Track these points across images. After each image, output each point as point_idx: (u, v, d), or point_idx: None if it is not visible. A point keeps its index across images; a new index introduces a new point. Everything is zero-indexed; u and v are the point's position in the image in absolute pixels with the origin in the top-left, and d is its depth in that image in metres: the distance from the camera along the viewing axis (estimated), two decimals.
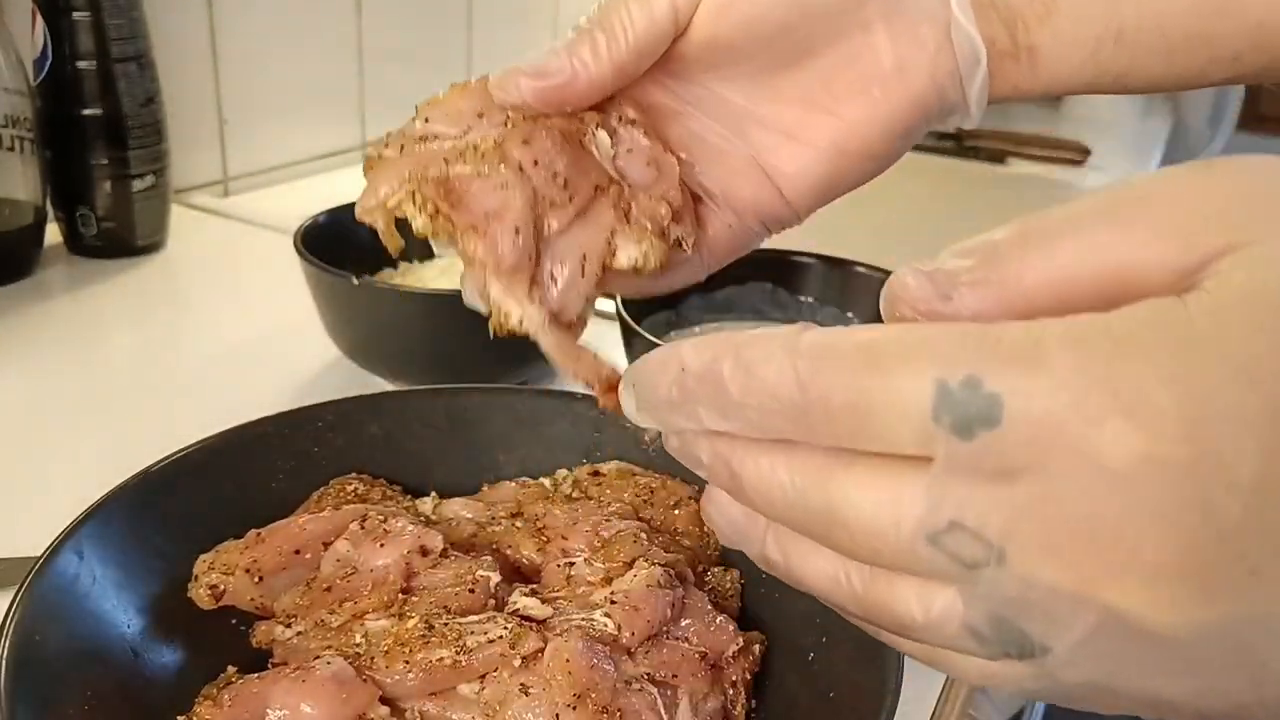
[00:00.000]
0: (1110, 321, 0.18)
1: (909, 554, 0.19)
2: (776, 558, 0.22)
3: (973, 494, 0.18)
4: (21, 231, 0.72)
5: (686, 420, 0.21)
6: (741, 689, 0.34)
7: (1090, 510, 0.17)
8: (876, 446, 0.19)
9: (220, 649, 0.35)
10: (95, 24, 0.70)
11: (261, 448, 0.41)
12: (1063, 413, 0.17)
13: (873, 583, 0.20)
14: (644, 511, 0.41)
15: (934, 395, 0.18)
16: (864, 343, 0.19)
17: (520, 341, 0.58)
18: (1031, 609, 0.18)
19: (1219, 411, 0.17)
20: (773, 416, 0.20)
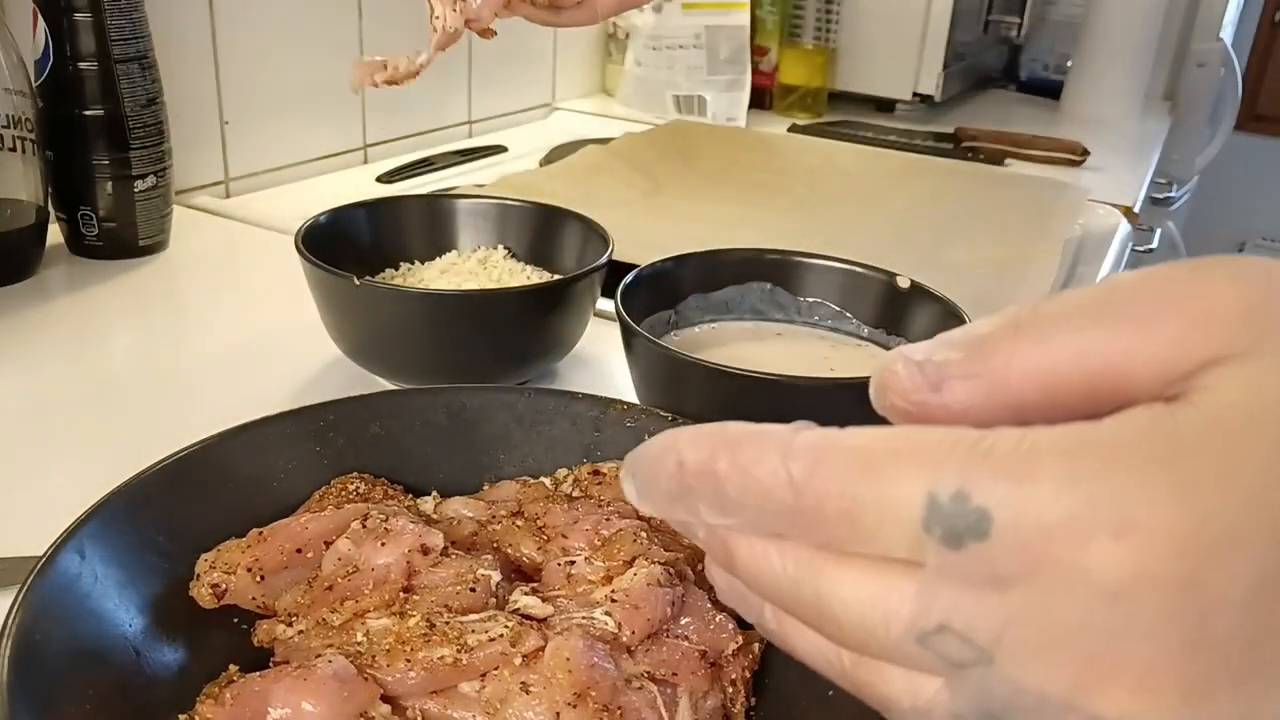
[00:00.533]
0: (1100, 434, 0.18)
1: (898, 651, 0.19)
2: (773, 628, 0.23)
3: (962, 600, 0.18)
4: (23, 232, 0.72)
5: (685, 514, 0.22)
6: (741, 687, 0.34)
7: (1079, 622, 0.17)
8: (868, 550, 0.19)
9: (222, 648, 0.35)
10: (96, 25, 0.70)
11: (263, 447, 0.41)
12: (1052, 528, 0.17)
13: (862, 667, 0.21)
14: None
15: (924, 507, 0.18)
16: (857, 448, 0.19)
17: (520, 341, 0.59)
18: (1020, 711, 0.19)
19: (1210, 530, 0.17)
20: (768, 517, 0.20)
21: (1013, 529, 0.18)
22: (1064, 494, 0.17)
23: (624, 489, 0.24)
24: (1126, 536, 0.17)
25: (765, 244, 0.64)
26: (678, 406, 0.45)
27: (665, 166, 1.10)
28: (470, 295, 0.56)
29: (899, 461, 0.19)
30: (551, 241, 0.66)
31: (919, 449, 0.19)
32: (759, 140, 1.25)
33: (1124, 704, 0.17)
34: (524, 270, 0.65)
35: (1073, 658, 0.18)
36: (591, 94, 1.52)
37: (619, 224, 0.65)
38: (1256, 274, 0.19)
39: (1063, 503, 0.17)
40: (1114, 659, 0.17)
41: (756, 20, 1.43)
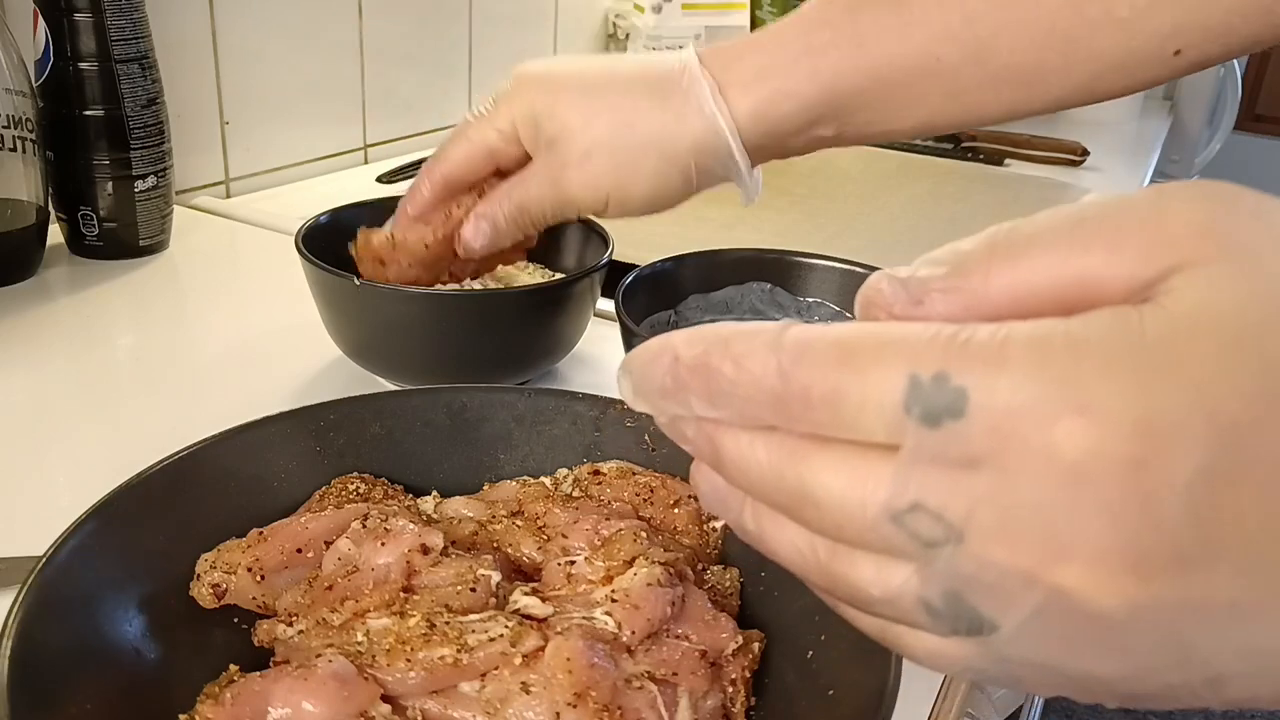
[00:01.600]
0: (1070, 326, 0.19)
1: (872, 531, 0.20)
2: (751, 527, 0.24)
3: (936, 479, 0.19)
4: (24, 232, 0.72)
5: (678, 407, 0.23)
6: (741, 687, 0.34)
7: (1043, 498, 0.19)
8: (850, 434, 0.20)
9: (222, 648, 0.35)
10: (97, 25, 0.70)
11: (263, 447, 0.41)
12: (1022, 407, 0.18)
13: (836, 556, 0.22)
14: (644, 510, 0.41)
15: (905, 388, 0.19)
16: (842, 338, 0.21)
17: (520, 342, 0.59)
18: (984, 587, 0.20)
19: (1164, 415, 0.18)
20: (756, 405, 0.21)
21: (986, 408, 0.19)
22: (1034, 377, 0.19)
23: (619, 387, 0.24)
24: (1087, 416, 0.18)
25: (765, 244, 0.64)
26: None
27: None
28: (470, 295, 0.56)
29: (883, 349, 0.20)
30: (551, 241, 0.66)
31: (902, 338, 0.20)
32: None
33: (1080, 577, 0.19)
34: (525, 270, 0.65)
35: (1034, 533, 0.19)
36: None
37: (619, 224, 0.65)
38: (1216, 192, 0.20)
39: (1032, 385, 0.18)
40: (1071, 534, 0.18)
41: (756, 21, 1.43)
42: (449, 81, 1.21)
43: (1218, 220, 0.19)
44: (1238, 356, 0.18)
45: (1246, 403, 0.18)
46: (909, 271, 0.22)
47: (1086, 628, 0.19)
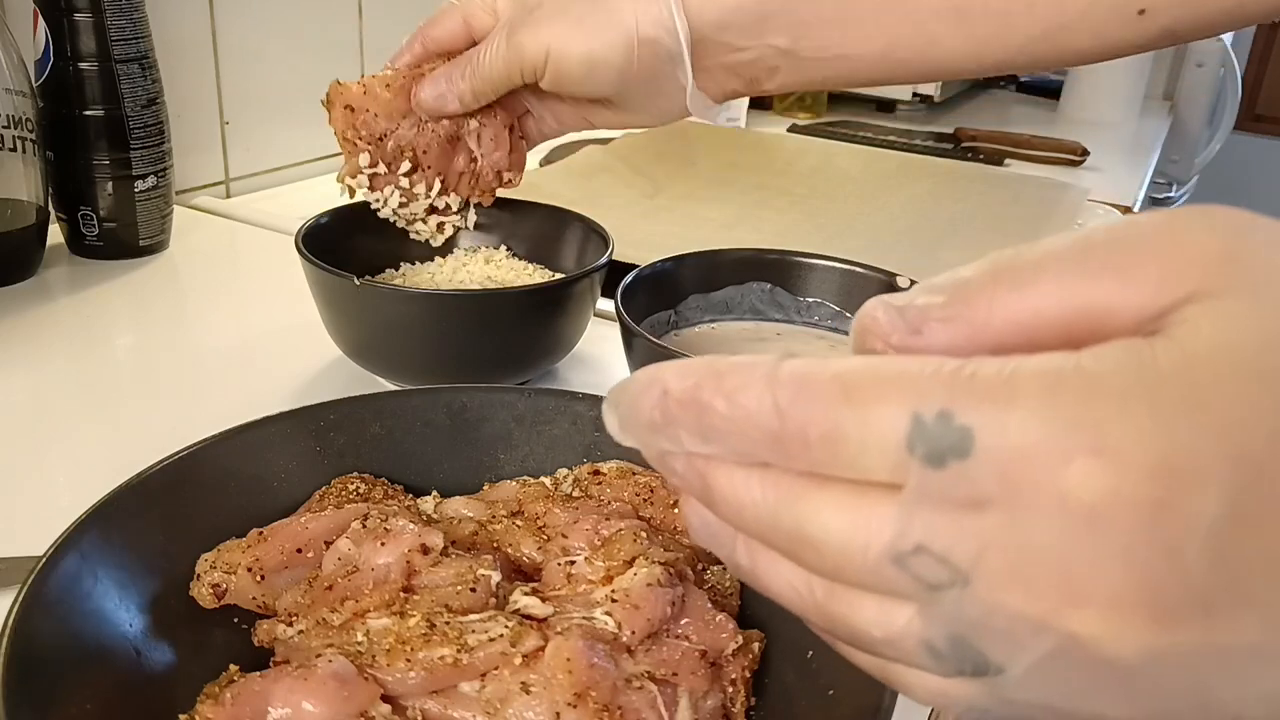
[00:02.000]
0: (1081, 361, 0.18)
1: (874, 573, 0.20)
2: (745, 564, 0.23)
3: (941, 520, 0.19)
4: (24, 232, 0.72)
5: (668, 443, 0.22)
6: (741, 687, 0.34)
7: (1056, 542, 0.18)
8: (850, 474, 0.20)
9: (222, 648, 0.35)
10: (97, 25, 0.70)
11: (263, 447, 0.41)
12: (1032, 448, 0.18)
13: (834, 597, 0.21)
14: (644, 510, 0.41)
15: (908, 427, 0.19)
16: (841, 374, 0.20)
17: (520, 341, 0.59)
18: (992, 632, 0.19)
19: (1184, 456, 0.17)
20: (751, 443, 0.21)
21: (994, 448, 0.18)
22: (1045, 416, 0.18)
23: (606, 421, 0.24)
24: (1103, 458, 0.17)
25: (765, 244, 0.64)
26: None
27: (665, 167, 1.10)
28: (470, 295, 0.56)
29: (884, 385, 0.19)
30: (552, 241, 0.66)
31: (904, 374, 0.19)
32: (759, 141, 1.25)
33: (1095, 625, 0.18)
34: (525, 270, 0.65)
35: (1047, 578, 0.18)
36: None
37: (619, 224, 0.65)
38: (1229, 220, 0.19)
39: (1043, 424, 0.18)
40: (1086, 580, 0.18)
41: None
42: None
43: (1232, 249, 0.19)
44: (1259, 393, 0.17)
45: (1269, 442, 0.17)
46: (906, 300, 0.21)
47: (1100, 674, 0.19)
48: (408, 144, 0.58)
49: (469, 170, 0.61)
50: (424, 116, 0.58)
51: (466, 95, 0.55)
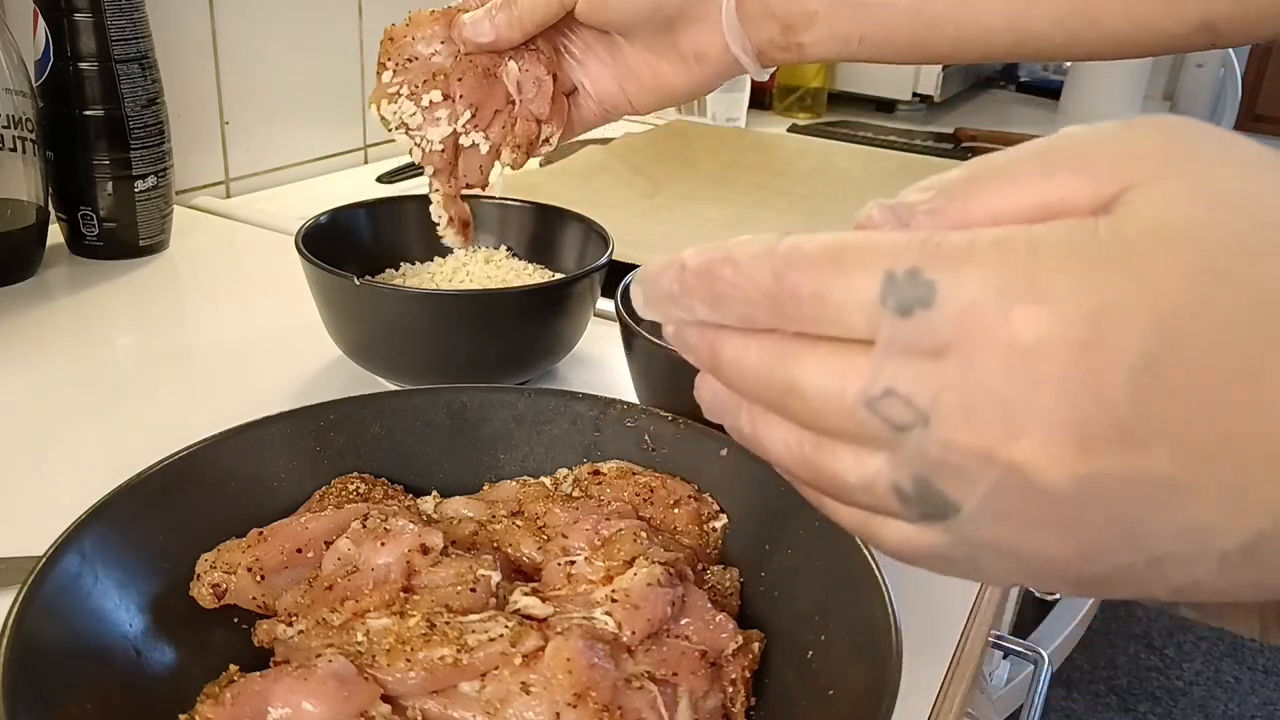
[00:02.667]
0: (1032, 231, 0.21)
1: (850, 417, 0.22)
2: (746, 429, 0.26)
3: (907, 366, 0.21)
4: (24, 232, 0.72)
5: (682, 311, 0.25)
6: (741, 687, 0.34)
7: (1000, 380, 0.20)
8: (834, 330, 0.22)
9: (222, 648, 0.35)
10: (97, 25, 0.70)
11: (263, 447, 0.41)
12: (984, 298, 0.20)
13: (819, 449, 0.24)
14: (644, 510, 0.41)
15: (882, 283, 0.21)
16: (829, 243, 0.22)
17: (520, 341, 0.59)
18: (948, 469, 0.21)
19: (1113, 304, 0.20)
20: (752, 306, 0.23)
21: (952, 299, 0.20)
22: (996, 271, 0.20)
23: (633, 297, 0.26)
24: (1043, 303, 0.20)
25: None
26: (678, 406, 0.45)
27: (665, 167, 1.10)
28: (470, 295, 0.56)
29: (865, 251, 0.22)
30: (552, 241, 0.66)
31: (884, 242, 0.22)
32: (759, 140, 1.25)
33: (1031, 454, 0.20)
34: (525, 270, 0.65)
35: (992, 414, 0.20)
36: None
37: (619, 224, 0.65)
38: (1180, 125, 0.22)
39: (994, 277, 0.20)
40: (1025, 413, 0.20)
41: None
42: None
43: (1177, 146, 0.21)
44: (1181, 255, 0.20)
45: (1187, 296, 0.19)
46: (898, 199, 0.24)
47: (1038, 504, 0.21)
48: (439, 69, 0.53)
49: (506, 112, 0.55)
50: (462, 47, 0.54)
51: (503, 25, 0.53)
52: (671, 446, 0.43)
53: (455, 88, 0.54)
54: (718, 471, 0.42)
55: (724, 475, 0.42)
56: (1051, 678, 0.62)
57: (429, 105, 0.53)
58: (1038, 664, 0.60)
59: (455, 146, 0.55)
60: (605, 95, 0.57)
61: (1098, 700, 1.82)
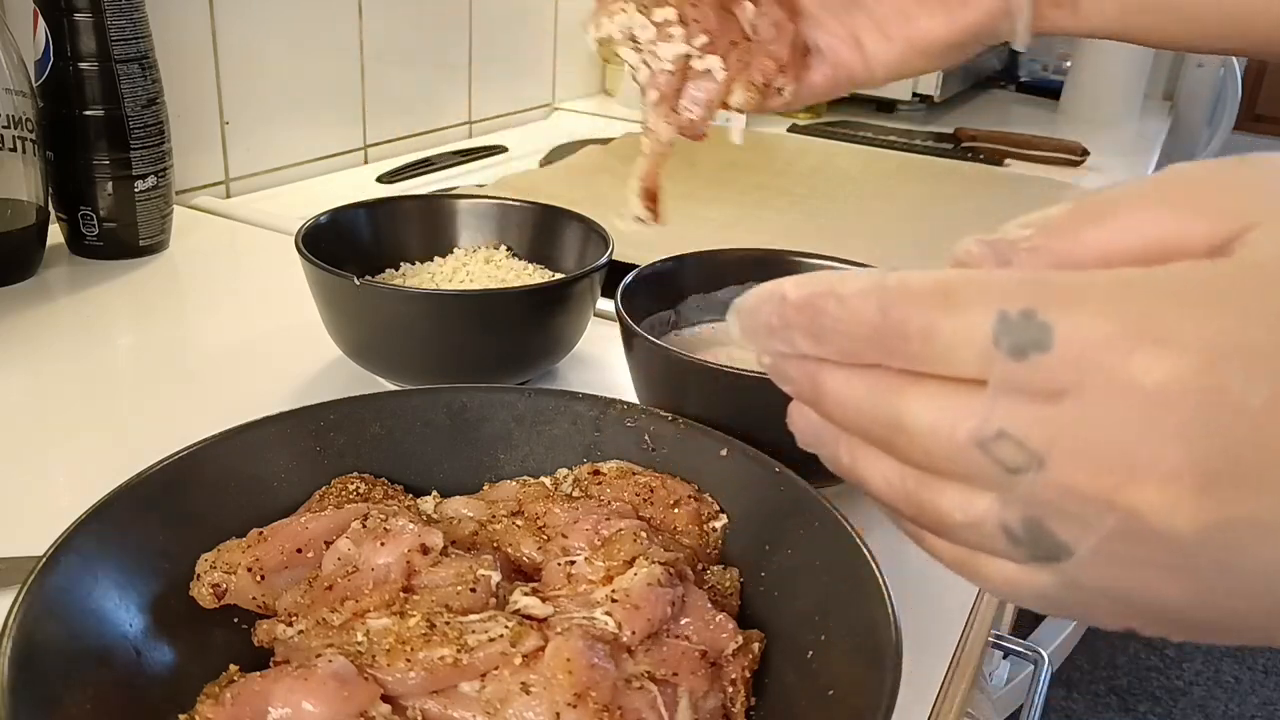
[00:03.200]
0: (1151, 272, 0.20)
1: (960, 457, 0.22)
2: (845, 461, 0.25)
3: (1021, 408, 0.21)
4: (24, 232, 0.72)
5: (783, 344, 0.25)
6: (741, 687, 0.34)
7: (1121, 424, 0.20)
8: (943, 369, 0.22)
9: (222, 648, 0.35)
10: (97, 25, 0.70)
11: (263, 447, 0.41)
12: (1103, 340, 0.20)
13: (924, 485, 0.23)
14: (644, 510, 0.41)
15: (995, 323, 0.21)
16: (939, 280, 0.22)
17: (520, 341, 0.59)
18: (1062, 512, 0.21)
19: (1236, 347, 0.19)
20: (857, 341, 0.23)
21: (1070, 341, 0.20)
22: (1116, 313, 0.20)
23: (729, 325, 0.26)
24: (1165, 346, 0.19)
25: (765, 244, 0.64)
26: (678, 406, 0.45)
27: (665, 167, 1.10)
28: (470, 295, 0.56)
29: (976, 289, 0.21)
30: (551, 241, 0.66)
31: (994, 280, 0.21)
32: (759, 141, 1.25)
33: (1153, 498, 0.20)
34: (525, 270, 0.65)
35: (1111, 457, 0.20)
36: (592, 94, 1.52)
37: (619, 224, 0.65)
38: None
39: (1114, 319, 0.20)
40: (1146, 457, 0.20)
41: None
42: (449, 81, 1.21)
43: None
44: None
45: None
46: (998, 235, 0.24)
47: (1157, 549, 0.20)
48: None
49: (743, 47, 0.50)
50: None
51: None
52: (671, 446, 0.43)
53: (689, 11, 0.49)
54: (718, 471, 0.42)
55: (724, 475, 0.42)
56: (1051, 678, 0.62)
57: (663, 22, 0.49)
58: (1038, 664, 0.60)
59: (684, 72, 0.50)
60: (841, 57, 0.52)
61: (1098, 700, 1.82)
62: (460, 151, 1.16)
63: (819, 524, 0.37)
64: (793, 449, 0.42)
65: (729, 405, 0.46)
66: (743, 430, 0.42)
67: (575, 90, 1.47)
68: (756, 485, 0.40)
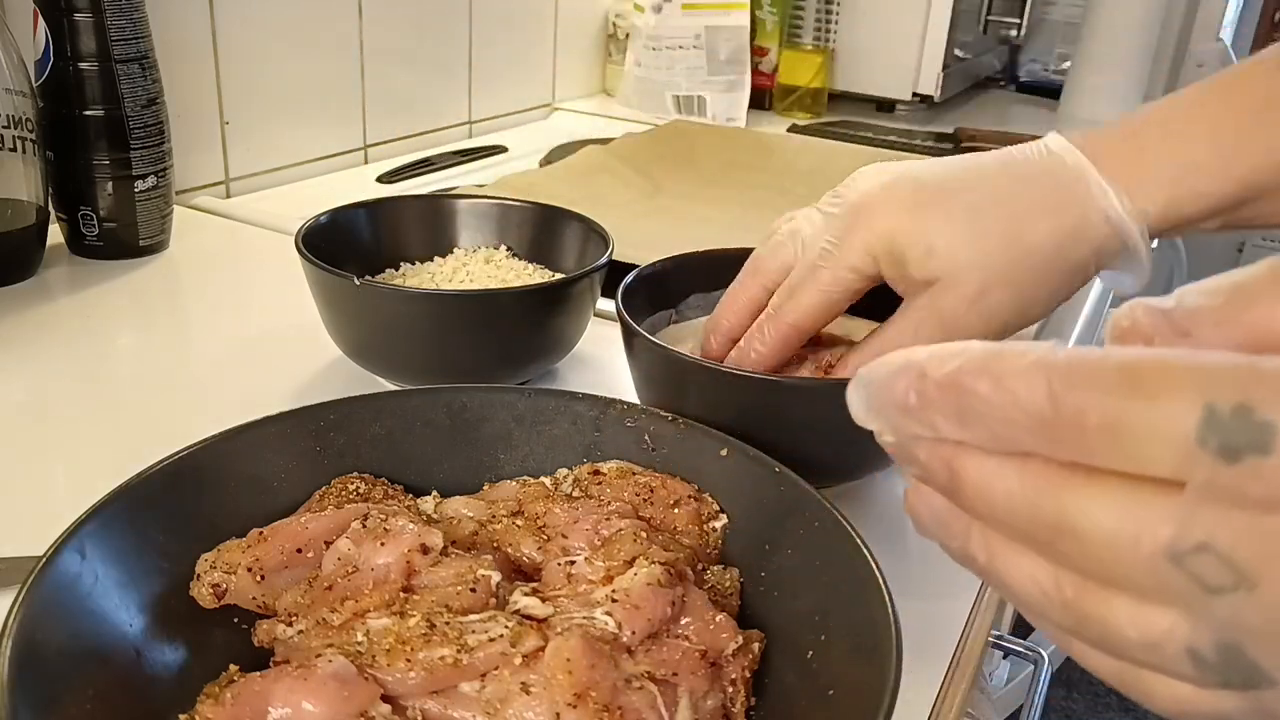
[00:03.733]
0: None
1: (1145, 571, 0.19)
2: (979, 556, 0.22)
3: (1229, 519, 0.18)
4: (24, 232, 0.72)
5: (919, 426, 0.22)
6: (741, 687, 0.34)
7: None
8: (1127, 466, 0.19)
9: (222, 648, 0.35)
10: (97, 25, 0.70)
11: (263, 447, 0.41)
12: None
13: (1086, 594, 0.20)
14: (644, 510, 0.41)
15: (1200, 420, 0.18)
16: (1126, 364, 0.19)
17: (520, 341, 0.59)
18: (1269, 641, 0.18)
19: None
20: (1015, 429, 0.20)
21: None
22: None
23: (849, 401, 0.23)
24: None
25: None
26: (678, 406, 0.45)
27: (665, 167, 1.10)
28: (470, 295, 0.56)
29: (1173, 375, 0.18)
30: (551, 241, 0.66)
31: (1195, 365, 0.18)
32: (758, 141, 1.25)
33: None
34: (525, 270, 0.65)
35: None
36: (591, 94, 1.52)
37: (619, 224, 0.65)
38: None
39: None
40: None
41: (756, 21, 1.43)
42: (449, 81, 1.21)
43: None
44: None
45: None
46: (1172, 301, 0.21)
47: None
48: None
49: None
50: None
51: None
52: (671, 446, 0.43)
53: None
54: (718, 471, 0.42)
55: (724, 475, 0.42)
56: (1051, 678, 0.62)
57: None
58: (1038, 664, 0.60)
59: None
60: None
61: (1098, 700, 1.82)
62: (460, 151, 1.16)
63: (819, 524, 0.37)
64: (793, 449, 0.43)
65: (729, 405, 0.46)
66: (743, 430, 0.42)
67: (575, 90, 1.47)
68: (756, 485, 0.40)
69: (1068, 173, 0.46)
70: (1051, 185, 0.45)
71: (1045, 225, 0.45)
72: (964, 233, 0.45)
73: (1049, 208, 0.45)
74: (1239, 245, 2.49)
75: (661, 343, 0.49)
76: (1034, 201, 0.45)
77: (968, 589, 0.46)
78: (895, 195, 0.46)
